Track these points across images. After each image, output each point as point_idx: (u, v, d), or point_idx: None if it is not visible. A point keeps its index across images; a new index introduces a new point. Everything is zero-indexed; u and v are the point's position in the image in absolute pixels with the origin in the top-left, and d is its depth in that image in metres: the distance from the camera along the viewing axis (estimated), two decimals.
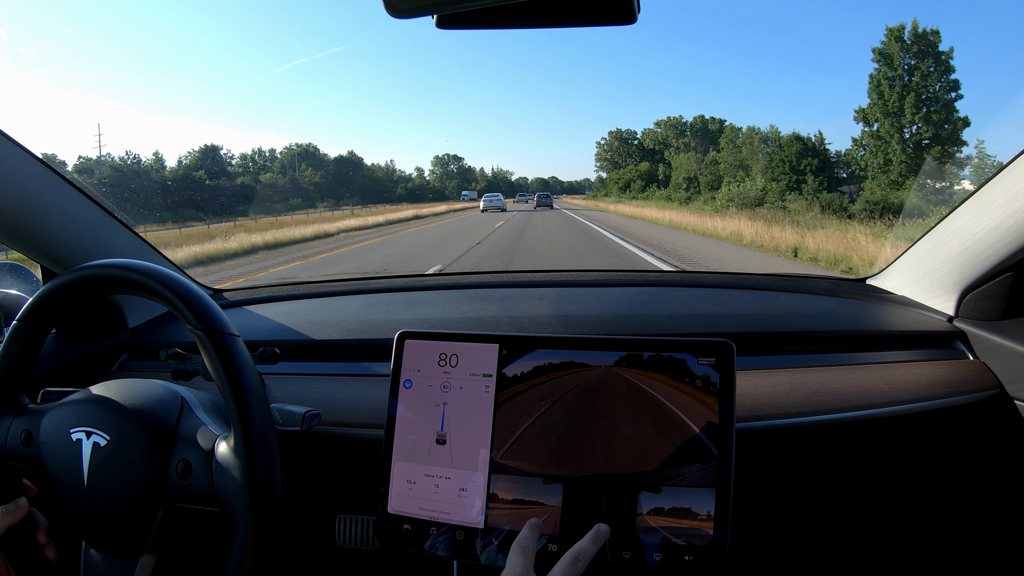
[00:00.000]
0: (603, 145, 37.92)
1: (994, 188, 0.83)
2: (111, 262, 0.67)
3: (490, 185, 47.59)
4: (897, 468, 0.93)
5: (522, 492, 0.65)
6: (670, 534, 0.61)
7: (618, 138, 36.96)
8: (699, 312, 1.03)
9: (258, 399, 0.63)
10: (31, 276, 1.09)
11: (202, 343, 0.63)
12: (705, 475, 0.61)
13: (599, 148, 38.22)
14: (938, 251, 0.97)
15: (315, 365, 0.97)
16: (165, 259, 1.15)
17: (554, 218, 19.60)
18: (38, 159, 0.87)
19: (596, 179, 41.33)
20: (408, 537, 0.67)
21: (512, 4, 0.51)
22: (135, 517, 0.65)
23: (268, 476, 0.62)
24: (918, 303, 1.04)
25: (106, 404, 0.68)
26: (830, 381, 0.85)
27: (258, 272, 8.52)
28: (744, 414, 0.78)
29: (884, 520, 0.95)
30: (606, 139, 38.06)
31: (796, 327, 0.97)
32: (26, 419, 0.70)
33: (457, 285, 1.26)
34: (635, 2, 0.52)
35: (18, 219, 0.87)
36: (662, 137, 32.30)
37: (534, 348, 0.68)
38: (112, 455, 0.65)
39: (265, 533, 0.61)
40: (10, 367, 0.70)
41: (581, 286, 1.20)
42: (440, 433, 0.68)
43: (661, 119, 34.21)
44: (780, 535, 0.94)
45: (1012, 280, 0.89)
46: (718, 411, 0.62)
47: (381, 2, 0.48)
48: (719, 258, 8.64)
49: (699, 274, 1.35)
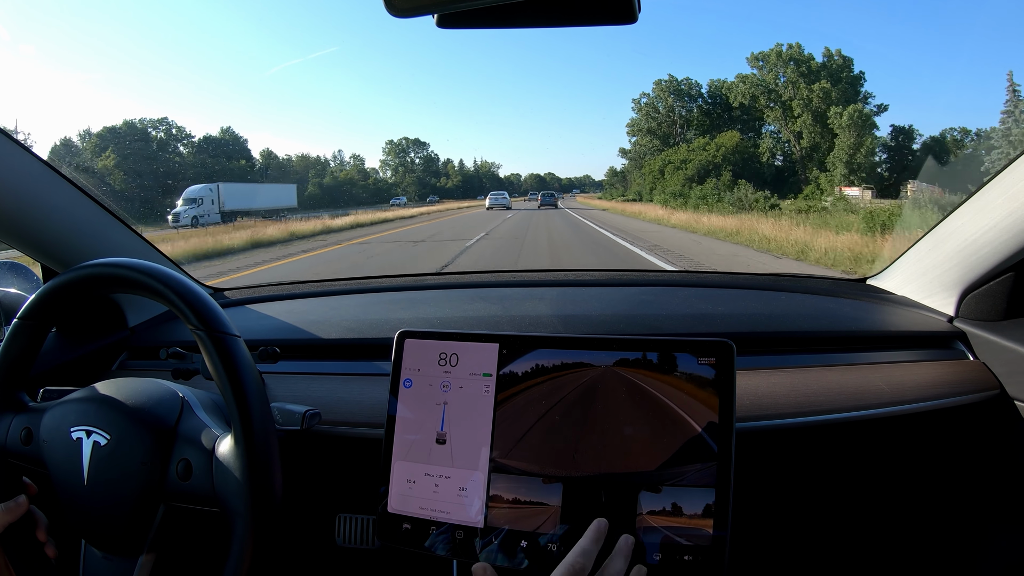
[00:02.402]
0: (644, 106, 22.65)
1: (994, 188, 0.83)
2: (112, 261, 0.67)
3: (466, 179, 39.88)
4: (897, 468, 0.93)
5: (522, 492, 0.65)
6: (670, 534, 0.61)
7: (672, 91, 21.97)
8: (699, 312, 1.03)
9: (259, 400, 0.63)
10: (31, 275, 1.09)
11: (203, 343, 0.63)
12: (705, 475, 0.61)
13: (638, 110, 22.82)
14: (938, 251, 0.97)
15: (315, 364, 0.97)
16: (165, 258, 1.15)
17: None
18: (38, 158, 0.87)
19: (608, 172, 30.26)
20: (408, 536, 0.67)
21: (512, 4, 0.51)
22: (135, 516, 0.65)
23: (268, 478, 0.62)
24: (918, 303, 1.04)
25: (107, 403, 0.68)
26: (830, 381, 0.85)
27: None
28: (744, 414, 0.78)
29: (884, 520, 0.95)
30: (648, 97, 22.24)
31: (796, 327, 0.97)
32: (26, 417, 0.70)
33: (457, 284, 1.27)
34: (635, 1, 0.52)
35: (19, 218, 0.87)
36: (770, 81, 18.52)
37: (534, 348, 0.68)
38: (112, 454, 0.65)
39: (265, 534, 0.62)
40: (11, 365, 0.70)
41: (581, 286, 1.20)
42: (440, 432, 0.68)
43: (765, 50, 19.43)
44: (780, 535, 0.94)
45: (1012, 280, 0.89)
46: (718, 411, 0.62)
47: (381, 2, 0.48)
48: None
49: (699, 274, 1.35)
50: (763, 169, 19.18)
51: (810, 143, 18.84)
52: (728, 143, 19.33)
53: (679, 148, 20.72)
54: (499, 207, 23.24)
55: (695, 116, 21.60)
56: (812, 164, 18.78)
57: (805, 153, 18.88)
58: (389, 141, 37.49)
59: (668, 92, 22.10)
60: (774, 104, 19.52)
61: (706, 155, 19.52)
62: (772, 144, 19.66)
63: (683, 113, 21.83)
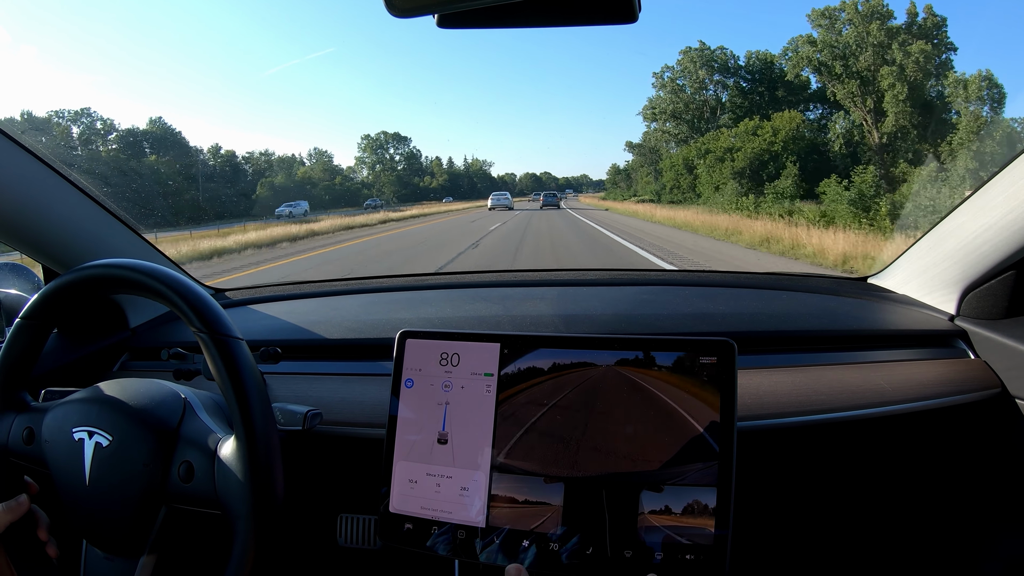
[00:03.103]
0: (668, 82, 17.37)
1: (995, 186, 0.83)
2: (114, 262, 0.67)
3: (453, 178, 35.84)
4: (898, 467, 0.93)
5: (523, 491, 0.65)
6: (672, 533, 0.61)
7: (704, 62, 16.30)
8: (700, 311, 1.03)
9: (261, 403, 0.63)
10: (32, 276, 1.09)
11: (205, 346, 0.63)
12: (707, 474, 0.61)
13: (661, 86, 17.50)
14: (939, 250, 0.97)
15: (317, 364, 0.97)
16: (167, 259, 1.15)
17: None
18: (40, 158, 0.87)
19: (610, 170, 27.24)
20: (410, 536, 0.67)
21: (513, 3, 0.51)
22: (136, 518, 0.65)
23: (270, 481, 0.62)
24: (919, 302, 1.03)
25: (109, 404, 0.68)
26: (831, 380, 0.85)
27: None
28: (745, 413, 0.78)
29: (885, 519, 0.95)
30: (672, 71, 17.02)
31: (797, 326, 0.97)
32: (28, 417, 0.70)
33: (458, 284, 1.27)
34: (636, 1, 0.52)
35: (20, 219, 0.87)
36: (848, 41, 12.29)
37: (536, 347, 0.68)
38: (114, 455, 0.65)
39: (266, 536, 0.62)
40: (13, 364, 0.70)
41: (582, 285, 1.20)
42: (441, 432, 0.68)
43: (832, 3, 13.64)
44: (782, 534, 0.94)
45: (1013, 279, 0.89)
46: (720, 410, 0.62)
47: (382, 2, 0.48)
48: None
49: (700, 273, 1.35)
50: (835, 160, 13.46)
51: (896, 127, 12.86)
52: (786, 127, 13.66)
53: (718, 134, 14.99)
54: (501, 207, 23.69)
55: (731, 96, 15.96)
56: (899, 155, 12.82)
57: (888, 140, 13.08)
58: (365, 135, 32.48)
59: (698, 64, 16.36)
60: (846, 76, 13.29)
61: (759, 142, 13.81)
62: (847, 128, 13.54)
63: (715, 92, 16.01)
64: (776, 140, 13.88)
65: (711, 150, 14.87)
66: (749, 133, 14.41)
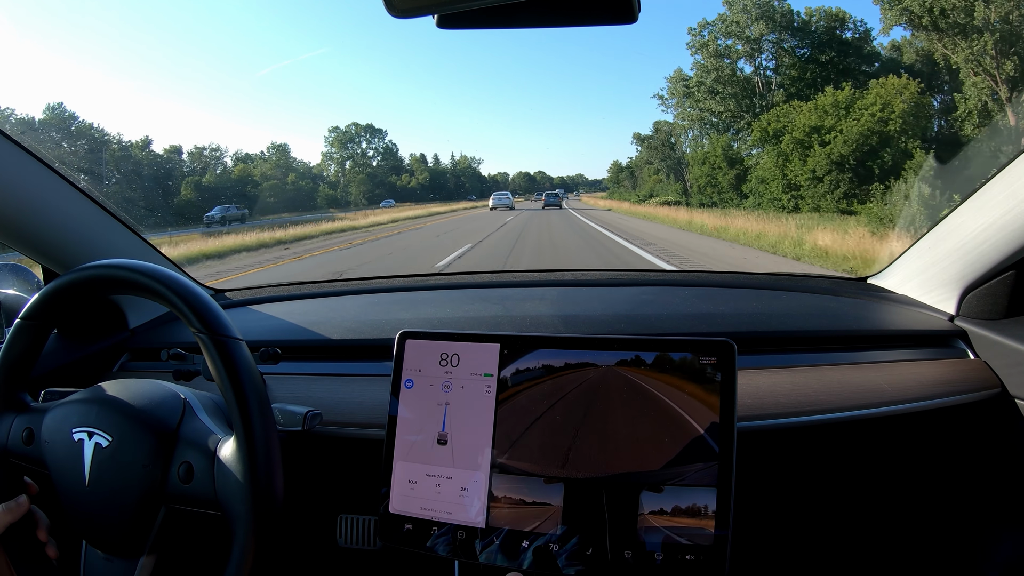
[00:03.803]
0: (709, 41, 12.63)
1: (994, 187, 0.83)
2: (114, 262, 0.67)
3: (436, 176, 32.25)
4: (898, 467, 0.93)
5: (523, 492, 0.65)
6: (672, 533, 0.61)
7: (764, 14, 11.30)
8: (700, 311, 1.03)
9: (260, 404, 0.63)
10: (32, 276, 1.09)
11: (205, 347, 0.63)
12: (706, 474, 0.61)
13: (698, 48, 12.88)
14: (939, 250, 0.97)
15: (316, 365, 0.97)
16: (166, 259, 1.15)
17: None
18: (40, 159, 0.87)
19: (612, 168, 24.91)
20: (409, 537, 0.67)
21: (513, 4, 0.51)
22: (136, 518, 0.65)
23: (270, 483, 0.62)
24: (919, 302, 1.03)
25: (109, 404, 0.68)
26: (831, 380, 0.85)
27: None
28: (745, 413, 0.78)
29: (885, 519, 0.95)
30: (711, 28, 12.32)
31: (797, 326, 0.97)
32: (28, 417, 0.70)
33: (458, 285, 1.27)
34: (635, 1, 0.52)
35: (19, 219, 0.87)
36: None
37: (535, 348, 0.68)
38: (114, 456, 0.65)
39: (266, 537, 0.62)
40: (12, 365, 0.70)
41: (582, 286, 1.20)
42: (441, 433, 0.68)
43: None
44: (781, 534, 0.94)
45: (1013, 279, 0.89)
46: (719, 410, 0.62)
47: (382, 2, 0.48)
48: None
49: (700, 273, 1.35)
50: (967, 140, 9.23)
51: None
52: (896, 99, 9.20)
53: (800, 108, 10.27)
54: (503, 207, 24.13)
55: (789, 62, 11.08)
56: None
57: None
58: (333, 127, 26.79)
59: (755, 16, 11.25)
60: (966, 31, 8.86)
61: (867, 119, 9.50)
62: (976, 99, 9.17)
63: (775, 56, 11.40)
64: (892, 117, 9.51)
65: (790, 130, 10.25)
66: (837, 107, 9.99)
